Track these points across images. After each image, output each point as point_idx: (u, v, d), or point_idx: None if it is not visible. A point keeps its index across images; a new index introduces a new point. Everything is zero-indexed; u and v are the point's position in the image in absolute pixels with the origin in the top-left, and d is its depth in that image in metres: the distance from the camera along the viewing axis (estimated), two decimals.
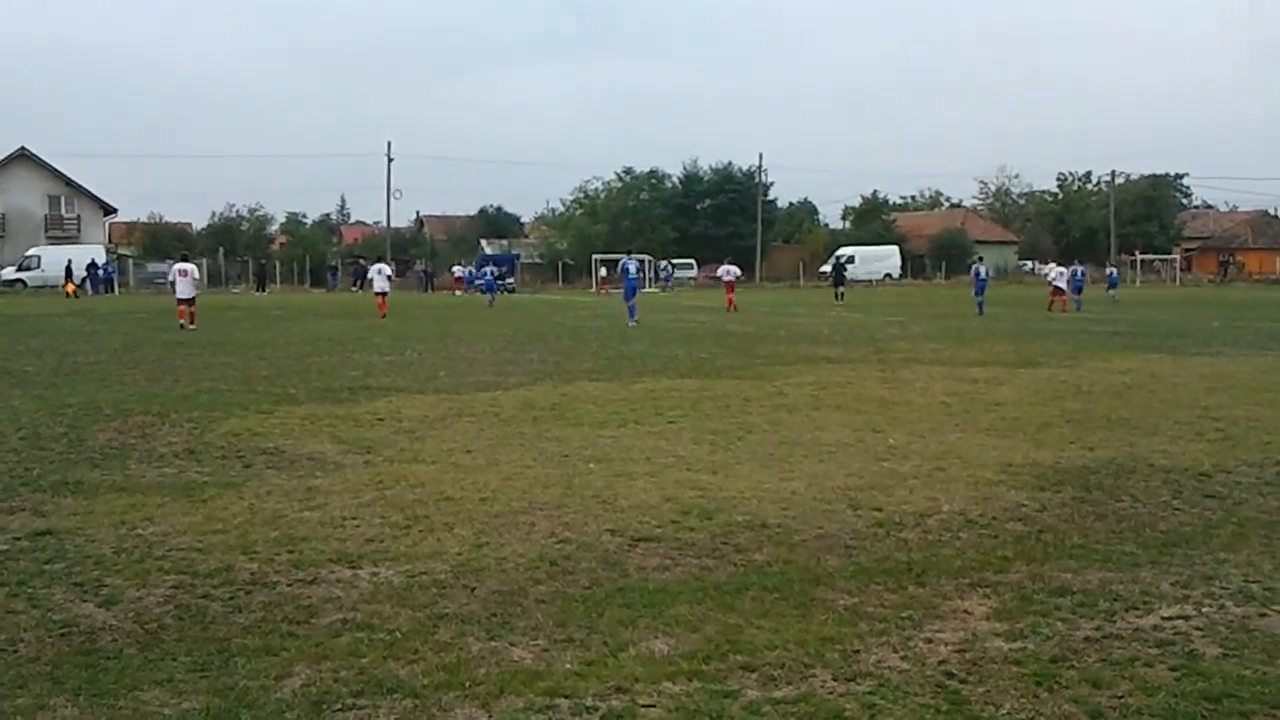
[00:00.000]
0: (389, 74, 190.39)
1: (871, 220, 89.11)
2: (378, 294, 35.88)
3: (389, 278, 38.66)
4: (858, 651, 4.90)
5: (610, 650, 4.89)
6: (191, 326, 27.07)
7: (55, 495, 8.06)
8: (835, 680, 4.57)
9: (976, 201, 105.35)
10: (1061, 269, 39.26)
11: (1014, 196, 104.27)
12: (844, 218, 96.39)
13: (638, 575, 6.09)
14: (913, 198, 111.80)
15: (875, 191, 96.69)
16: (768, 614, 5.39)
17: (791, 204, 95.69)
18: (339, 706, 4.31)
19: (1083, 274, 40.83)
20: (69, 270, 56.99)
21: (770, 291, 64.38)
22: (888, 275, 76.53)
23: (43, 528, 7.09)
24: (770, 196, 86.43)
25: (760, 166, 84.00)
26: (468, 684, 4.51)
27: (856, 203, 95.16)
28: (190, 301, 27.80)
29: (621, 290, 33.06)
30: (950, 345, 22.05)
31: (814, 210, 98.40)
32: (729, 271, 42.90)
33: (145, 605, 5.59)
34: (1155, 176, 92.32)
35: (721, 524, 7.18)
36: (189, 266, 29.43)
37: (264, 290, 60.18)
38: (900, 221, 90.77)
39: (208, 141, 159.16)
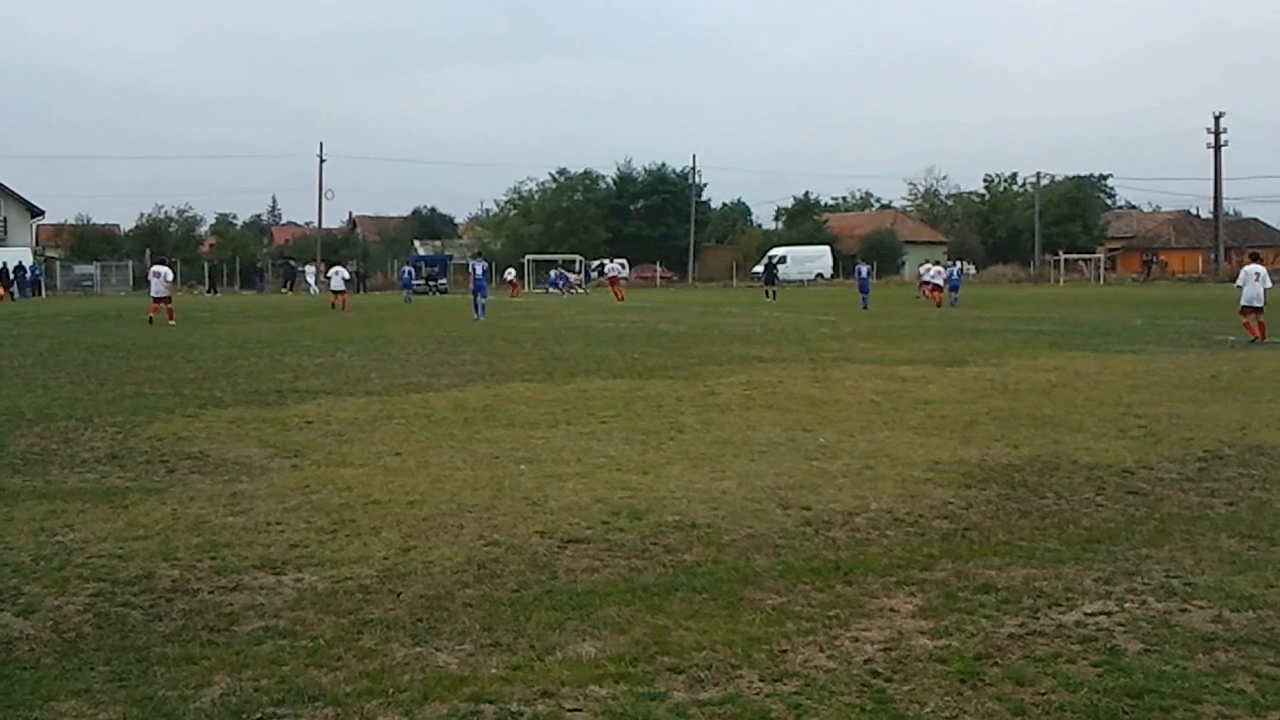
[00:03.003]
0: (322, 74, 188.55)
1: (803, 221, 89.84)
2: (336, 292, 41.97)
3: (345, 279, 44.41)
4: (785, 651, 4.91)
5: (537, 654, 4.86)
6: (171, 323, 29.36)
7: None
8: (762, 681, 4.58)
9: (906, 202, 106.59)
10: (940, 268, 44.59)
11: (942, 198, 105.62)
12: (777, 218, 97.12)
13: (566, 577, 6.06)
14: (844, 199, 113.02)
15: (807, 192, 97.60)
16: (696, 615, 5.39)
17: (725, 205, 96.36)
18: (259, 715, 4.24)
19: (959, 273, 46.64)
20: (2, 273, 55.75)
21: (703, 291, 64.66)
22: (819, 275, 77.23)
23: None
24: (704, 197, 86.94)
25: (694, 168, 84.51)
26: (391, 691, 4.45)
27: (789, 203, 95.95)
28: (166, 300, 31.03)
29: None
30: (880, 344, 22.27)
31: (747, 211, 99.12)
32: (615, 269, 55.12)
33: (64, 614, 5.46)
34: (1079, 177, 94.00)
35: (651, 524, 7.17)
36: (162, 269, 33.38)
37: (215, 291, 59.59)
38: (832, 222, 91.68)
39: (136, 142, 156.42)
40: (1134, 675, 4.64)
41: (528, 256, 71.66)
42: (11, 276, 56.68)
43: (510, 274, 63.21)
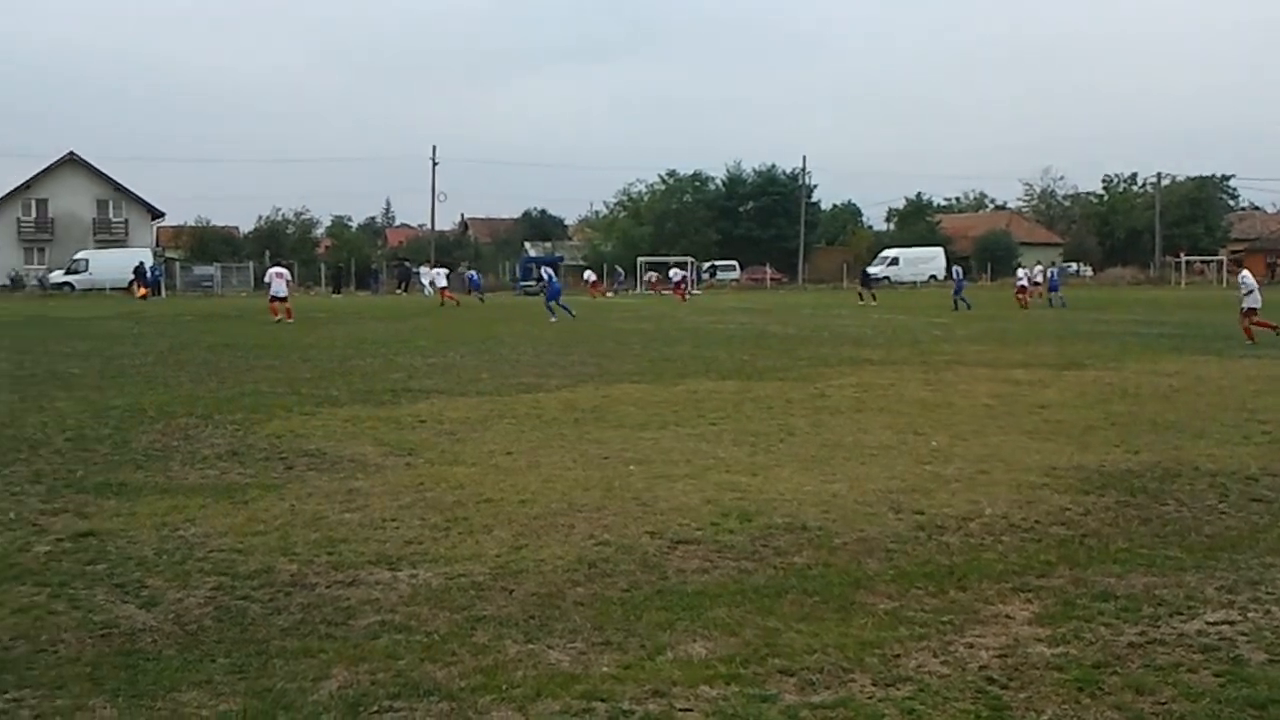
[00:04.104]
0: (434, 78, 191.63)
1: (916, 222, 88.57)
2: (441, 289, 46.73)
3: (446, 278, 49.87)
4: (898, 656, 4.85)
5: (648, 653, 4.87)
6: (289, 320, 30.87)
7: (98, 497, 8.15)
8: (874, 685, 4.53)
9: (1021, 203, 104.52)
10: (1025, 270, 44.45)
11: (1059, 198, 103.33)
12: (888, 219, 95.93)
13: (677, 578, 6.06)
14: (957, 199, 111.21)
15: (920, 193, 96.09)
16: (807, 617, 5.35)
17: (835, 206, 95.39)
18: (376, 709, 4.32)
19: (1059, 274, 47.06)
20: (140, 272, 57.47)
21: (813, 293, 64.17)
22: (932, 277, 75.99)
23: (85, 529, 7.16)
24: (814, 198, 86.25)
25: (804, 169, 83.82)
26: (504, 686, 4.50)
27: (901, 204, 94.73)
28: (283, 299, 32.62)
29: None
30: (994, 347, 21.86)
31: (858, 212, 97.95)
32: (677, 272, 57.86)
33: (185, 606, 5.63)
34: (1201, 178, 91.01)
35: (761, 526, 7.14)
36: (283, 270, 36.01)
37: (339, 292, 61.10)
38: (945, 223, 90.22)
39: (255, 146, 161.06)
40: (1258, 686, 4.49)
41: (639, 258, 71.94)
42: (148, 275, 58.47)
43: (590, 276, 63.75)
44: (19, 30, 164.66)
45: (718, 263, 77.90)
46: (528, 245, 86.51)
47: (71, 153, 74.51)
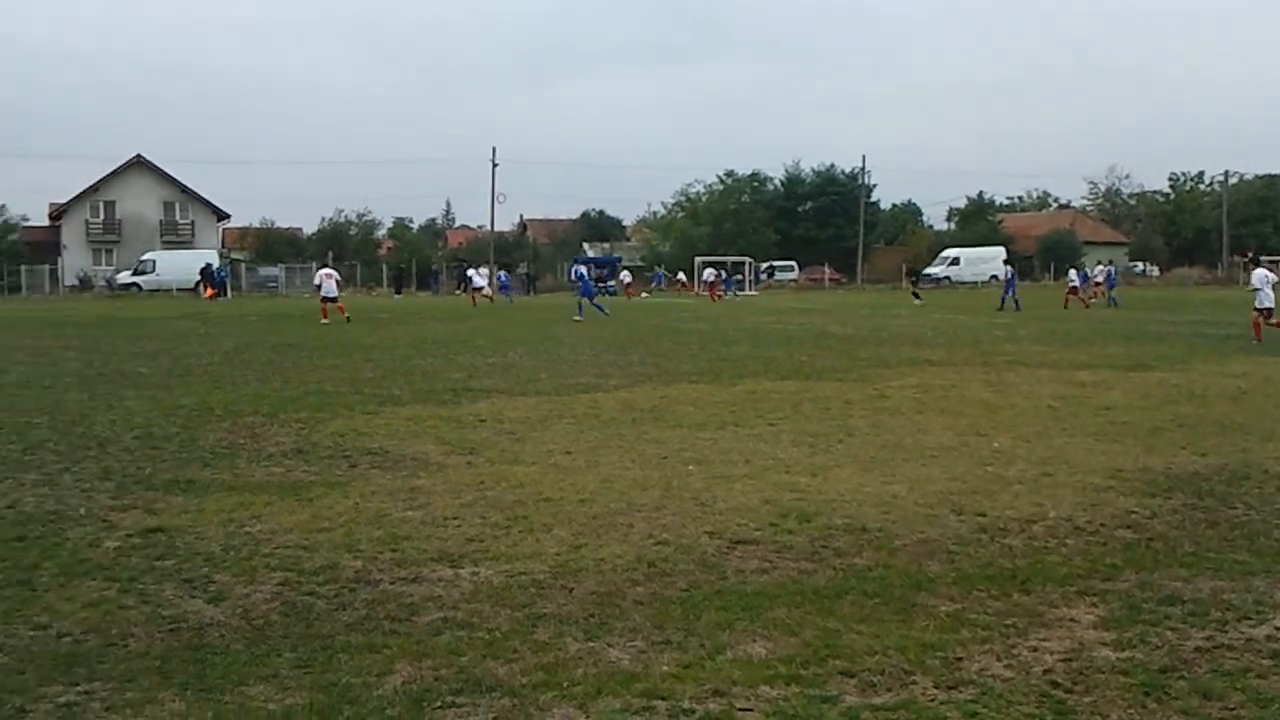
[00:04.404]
0: (493, 79, 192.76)
1: (977, 221, 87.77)
2: (476, 289, 48.14)
3: (485, 278, 52.31)
4: (960, 659, 4.81)
5: (708, 653, 4.88)
6: (345, 316, 31.94)
7: (167, 493, 8.31)
8: (936, 688, 4.50)
9: (1086, 202, 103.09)
10: (1075, 271, 44.65)
11: (1124, 197, 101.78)
12: (949, 219, 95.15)
13: (736, 578, 6.06)
14: (1020, 199, 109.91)
15: (981, 192, 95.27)
16: (867, 619, 5.33)
17: (895, 205, 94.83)
18: (439, 704, 4.37)
19: (1116, 273, 46.95)
20: (206, 273, 58.42)
21: (872, 293, 63.71)
22: (993, 277, 75.09)
23: (154, 525, 7.30)
24: (873, 198, 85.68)
25: (863, 168, 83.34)
26: (565, 684, 4.53)
27: (962, 204, 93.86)
28: (334, 299, 33.53)
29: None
30: (1057, 348, 21.59)
31: (918, 212, 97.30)
32: (711, 273, 58.91)
33: (252, 602, 5.72)
34: (1271, 176, 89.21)
35: (821, 527, 7.12)
36: (332, 271, 37.36)
37: (401, 293, 61.74)
38: (1007, 222, 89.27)
39: (318, 148, 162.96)
40: None
41: (696, 258, 71.92)
42: (216, 276, 59.39)
43: (626, 277, 64.12)
44: (86, 35, 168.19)
45: (776, 263, 77.68)
46: (586, 246, 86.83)
47: (139, 155, 75.94)
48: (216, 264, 63.79)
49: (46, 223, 78.15)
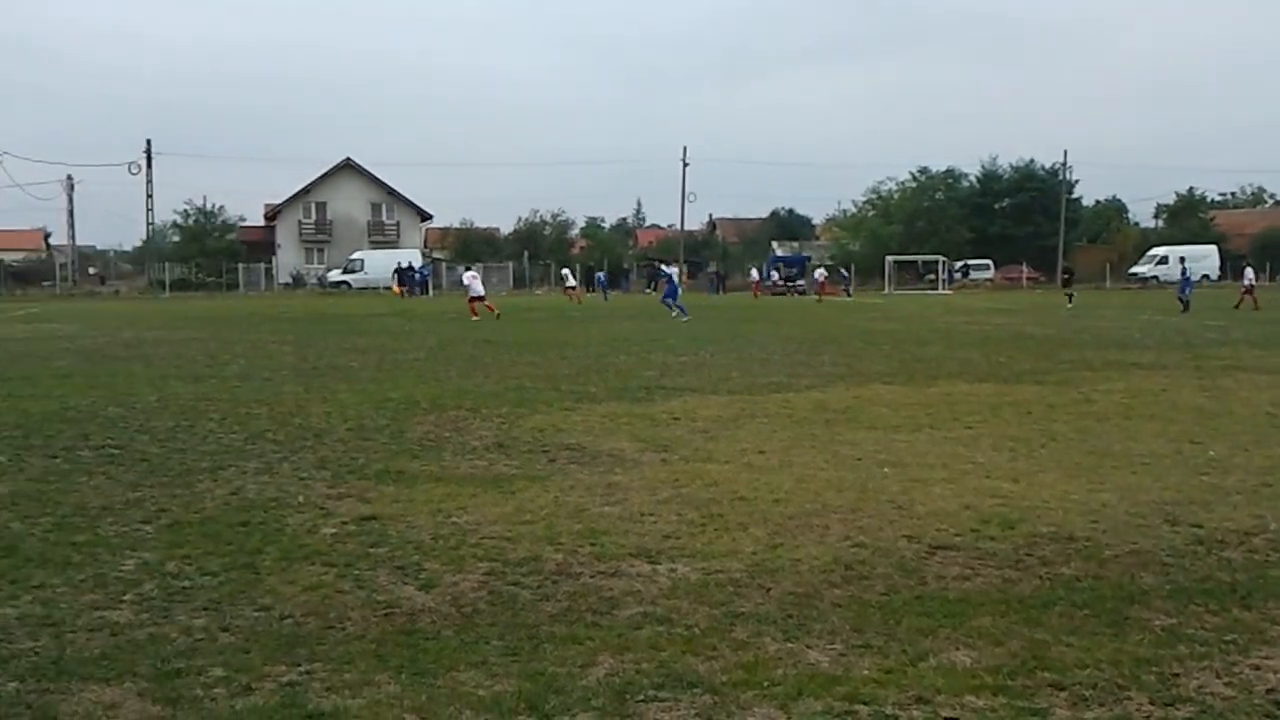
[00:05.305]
0: (683, 79, 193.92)
1: (1187, 219, 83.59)
2: (569, 289, 52.31)
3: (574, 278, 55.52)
4: (1177, 675, 4.61)
5: (909, 659, 4.81)
6: (493, 313, 33.40)
7: (379, 483, 8.66)
8: (1153, 704, 4.32)
9: None
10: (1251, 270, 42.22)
11: None
12: (1156, 216, 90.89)
13: (936, 584, 5.95)
14: (1232, 195, 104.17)
15: (1191, 188, 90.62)
16: (1077, 631, 5.16)
17: (1098, 202, 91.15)
18: (641, 697, 4.43)
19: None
20: (400, 273, 60.76)
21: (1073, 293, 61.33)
22: (1205, 276, 71.46)
23: (368, 513, 7.62)
24: (1074, 195, 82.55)
25: (1064, 163, 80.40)
26: (765, 684, 4.54)
27: (1170, 200, 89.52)
28: (481, 298, 35.02)
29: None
30: (1275, 352, 20.37)
31: (1123, 208, 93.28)
32: (822, 273, 59.69)
33: (460, 590, 5.91)
34: None
35: (1025, 535, 6.92)
36: (475, 271, 40.43)
37: (606, 295, 62.22)
38: (1219, 220, 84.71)
39: (514, 150, 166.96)
40: None
41: (888, 257, 70.76)
42: (416, 276, 61.63)
43: (755, 275, 63.62)
44: (295, 44, 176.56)
45: (970, 261, 75.72)
46: (775, 245, 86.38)
47: (348, 159, 79.36)
48: (419, 263, 66.08)
49: (262, 223, 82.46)
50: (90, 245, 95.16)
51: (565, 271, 57.22)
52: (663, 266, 42.99)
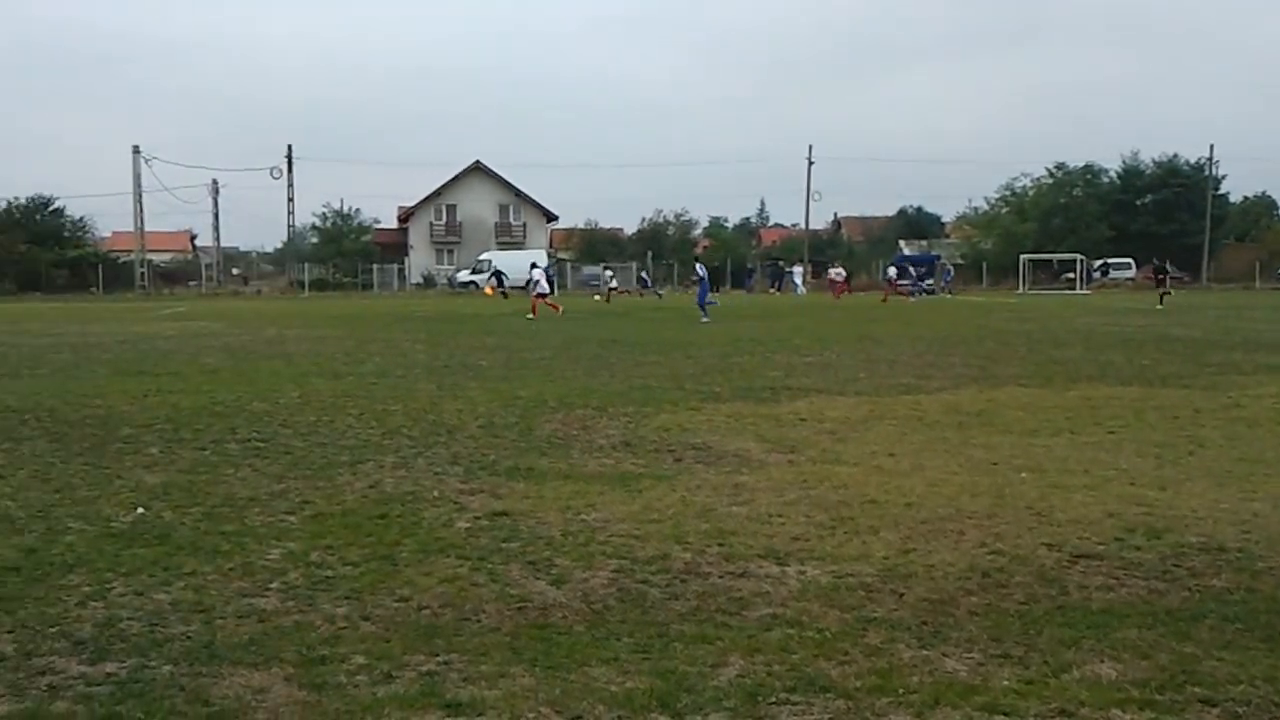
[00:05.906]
0: (808, 78, 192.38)
1: None
2: (610, 290, 53.14)
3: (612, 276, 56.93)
4: None
5: (1051, 670, 4.65)
6: (556, 312, 34.92)
7: (509, 479, 8.76)
8: None
9: None
10: None
11: None
12: None
13: (1078, 594, 5.76)
14: None
15: None
16: (1229, 646, 4.94)
17: (1247, 199, 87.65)
18: (773, 700, 4.38)
19: None
20: (498, 275, 61.59)
21: (1219, 294, 59.18)
22: None
23: (500, 509, 7.71)
24: (1221, 191, 79.54)
25: (1210, 159, 77.51)
26: (900, 691, 4.44)
27: None
28: (544, 296, 36.51)
29: None
30: None
31: (1273, 205, 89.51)
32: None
33: (590, 586, 5.94)
34: None
35: (1172, 544, 6.66)
36: (544, 270, 41.03)
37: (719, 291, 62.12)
38: None
39: (638, 150, 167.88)
40: None
41: (1022, 256, 69.10)
42: (536, 279, 62.19)
43: (832, 273, 62.01)
44: (429, 52, 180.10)
45: (1110, 260, 73.48)
46: (902, 244, 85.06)
47: (477, 161, 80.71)
48: (545, 264, 66.74)
49: (395, 225, 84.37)
50: (234, 246, 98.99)
51: (609, 272, 57.95)
52: (699, 265, 42.26)
